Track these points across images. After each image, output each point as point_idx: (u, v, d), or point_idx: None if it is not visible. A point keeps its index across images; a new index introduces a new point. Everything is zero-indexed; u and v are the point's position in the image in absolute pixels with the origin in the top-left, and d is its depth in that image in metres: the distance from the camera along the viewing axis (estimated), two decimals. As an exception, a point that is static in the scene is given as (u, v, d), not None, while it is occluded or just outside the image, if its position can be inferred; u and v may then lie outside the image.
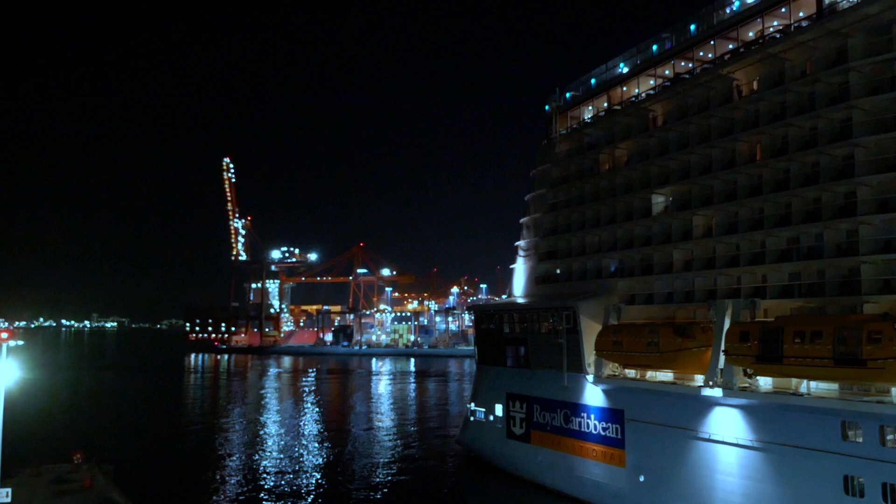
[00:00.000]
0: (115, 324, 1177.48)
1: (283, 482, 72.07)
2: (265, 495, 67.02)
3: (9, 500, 47.24)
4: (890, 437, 40.22)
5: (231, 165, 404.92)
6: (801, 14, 52.15)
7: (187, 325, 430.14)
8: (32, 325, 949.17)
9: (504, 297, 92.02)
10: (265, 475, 75.18)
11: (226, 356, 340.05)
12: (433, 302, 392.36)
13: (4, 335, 48.84)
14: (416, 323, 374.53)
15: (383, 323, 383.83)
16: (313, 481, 72.87)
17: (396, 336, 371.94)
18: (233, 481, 72.95)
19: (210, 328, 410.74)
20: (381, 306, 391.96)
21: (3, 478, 48.02)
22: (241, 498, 66.40)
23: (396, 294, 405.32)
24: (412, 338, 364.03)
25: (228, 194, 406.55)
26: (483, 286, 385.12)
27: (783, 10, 53.21)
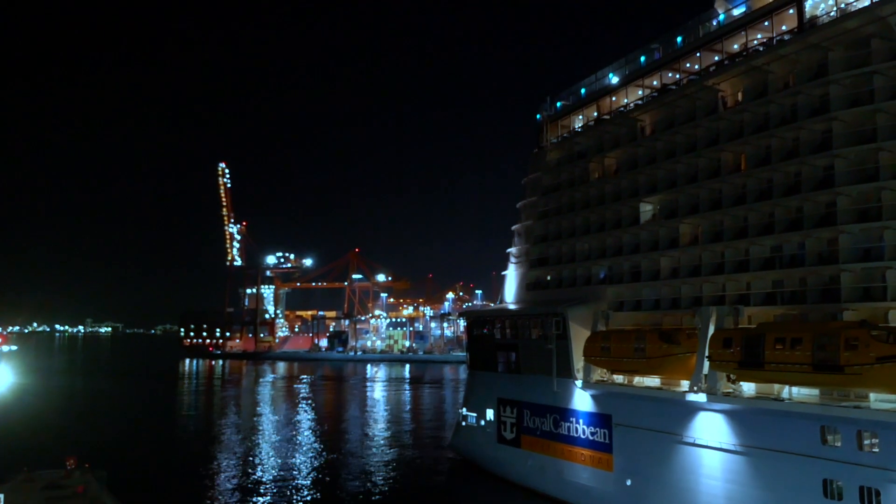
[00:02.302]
0: (110, 329, 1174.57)
1: (276, 488, 72.71)
2: (258, 501, 67.66)
3: None
4: (867, 441, 41.17)
5: (226, 171, 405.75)
6: (783, 28, 53.26)
7: (182, 330, 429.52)
8: (26, 331, 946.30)
9: (497, 303, 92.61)
10: (258, 481, 75.79)
11: (220, 361, 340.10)
12: (428, 308, 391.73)
13: None
14: (411, 329, 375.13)
15: (378, 329, 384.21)
16: (306, 486, 73.55)
17: (391, 342, 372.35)
18: (227, 487, 73.59)
19: (205, 333, 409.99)
20: (377, 312, 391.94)
21: None
22: (234, 503, 67.02)
23: (391, 300, 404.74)
24: (407, 344, 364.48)
25: (224, 199, 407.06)
26: (478, 292, 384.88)
27: (766, 23, 54.31)
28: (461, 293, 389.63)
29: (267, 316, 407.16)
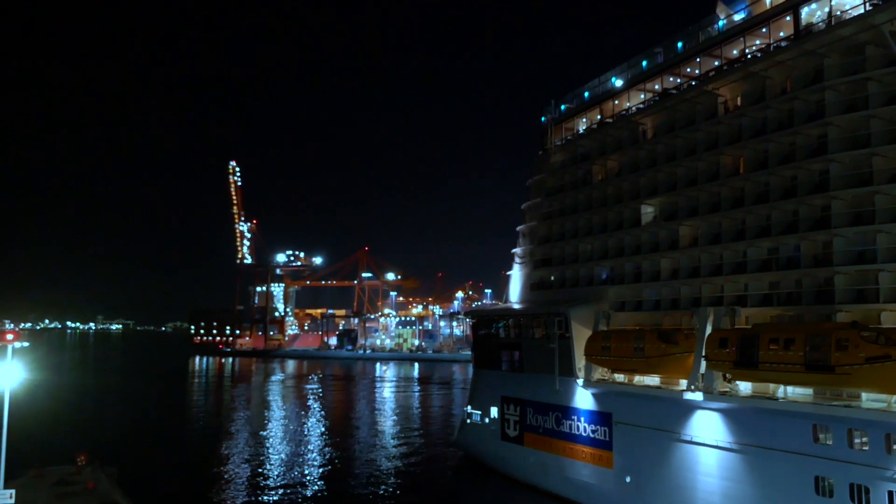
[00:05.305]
0: (120, 326, 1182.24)
1: (284, 484, 73.98)
2: (267, 497, 68.87)
3: (12, 501, 47.19)
4: (858, 440, 42.12)
5: (237, 169, 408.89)
6: (780, 34, 54.11)
7: (192, 327, 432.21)
8: (38, 327, 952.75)
9: (502, 302, 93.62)
10: (267, 477, 77.06)
11: (230, 359, 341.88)
12: (438, 306, 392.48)
13: (10, 336, 49.54)
14: (420, 327, 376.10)
15: (387, 327, 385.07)
16: (314, 482, 74.84)
17: (400, 340, 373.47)
18: (236, 484, 74.76)
19: (214, 331, 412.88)
20: (386, 310, 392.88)
21: (6, 479, 47.76)
22: (243, 500, 68.16)
23: (401, 298, 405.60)
24: (416, 342, 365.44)
25: (234, 197, 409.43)
26: (488, 291, 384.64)
27: (764, 30, 55.30)
28: (470, 292, 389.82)
29: (277, 314, 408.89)
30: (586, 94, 78.16)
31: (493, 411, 78.65)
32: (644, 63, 68.98)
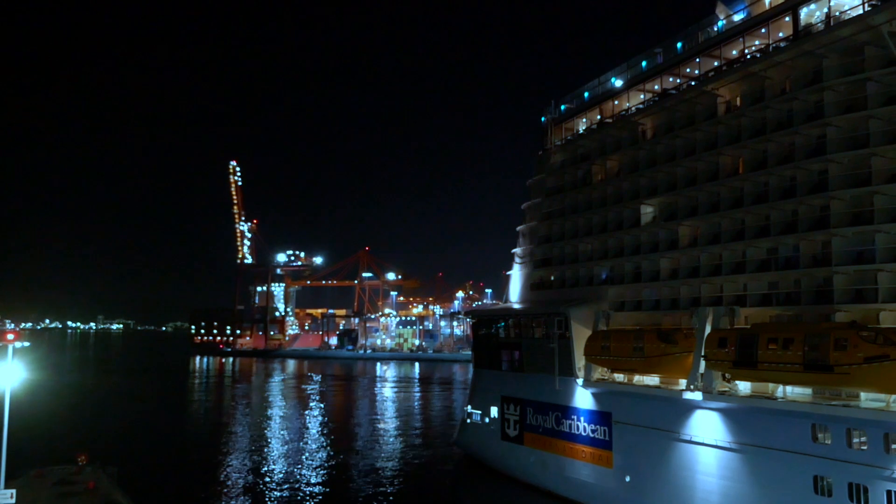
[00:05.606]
0: (121, 326, 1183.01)
1: (284, 483, 74.08)
2: (267, 497, 69.00)
3: (13, 501, 47.46)
4: (856, 439, 42.22)
5: (237, 169, 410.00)
6: (780, 35, 54.21)
7: (192, 327, 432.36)
8: (38, 327, 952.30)
9: (502, 302, 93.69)
10: (268, 477, 77.16)
11: (230, 359, 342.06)
12: (438, 306, 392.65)
13: (10, 336, 49.59)
14: (420, 327, 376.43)
15: (388, 327, 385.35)
16: (314, 482, 74.92)
17: (401, 340, 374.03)
18: (236, 483, 74.86)
19: (215, 331, 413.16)
20: (386, 310, 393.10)
21: (7, 479, 47.65)
22: (243, 500, 68.31)
23: (401, 298, 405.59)
24: (417, 342, 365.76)
25: (234, 197, 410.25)
26: (488, 291, 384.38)
27: (763, 30, 55.38)
28: (471, 292, 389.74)
29: (277, 314, 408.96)
30: (586, 94, 78.24)
31: (494, 411, 78.76)
32: (644, 63, 69.06)
